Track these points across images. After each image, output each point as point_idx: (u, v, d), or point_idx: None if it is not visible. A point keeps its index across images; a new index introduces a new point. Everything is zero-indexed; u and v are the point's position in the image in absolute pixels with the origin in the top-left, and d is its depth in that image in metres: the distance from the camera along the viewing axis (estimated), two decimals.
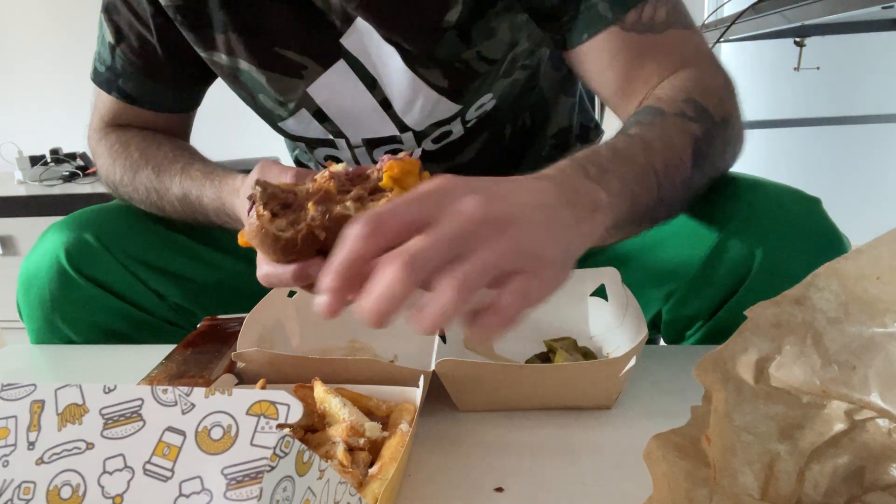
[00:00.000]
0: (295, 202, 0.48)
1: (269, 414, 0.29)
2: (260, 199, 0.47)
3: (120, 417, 0.31)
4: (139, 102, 0.80)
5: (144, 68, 0.77)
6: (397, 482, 0.44)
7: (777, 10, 1.36)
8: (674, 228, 0.67)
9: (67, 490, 0.31)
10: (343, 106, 0.75)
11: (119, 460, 0.30)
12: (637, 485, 0.44)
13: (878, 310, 0.33)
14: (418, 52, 0.69)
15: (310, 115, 0.76)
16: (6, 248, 2.11)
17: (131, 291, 0.76)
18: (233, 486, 0.28)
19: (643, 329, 0.54)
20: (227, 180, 0.66)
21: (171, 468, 0.29)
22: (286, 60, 0.72)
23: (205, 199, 0.69)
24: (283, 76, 0.73)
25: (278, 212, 0.47)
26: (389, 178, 0.48)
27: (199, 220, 0.73)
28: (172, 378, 0.58)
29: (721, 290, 0.65)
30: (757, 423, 0.36)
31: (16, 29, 2.42)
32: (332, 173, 0.50)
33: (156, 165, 0.74)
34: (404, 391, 0.52)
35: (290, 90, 0.74)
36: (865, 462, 0.35)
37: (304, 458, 0.30)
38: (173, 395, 0.31)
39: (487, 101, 0.77)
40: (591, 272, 0.66)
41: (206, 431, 0.29)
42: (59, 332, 0.76)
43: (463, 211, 0.35)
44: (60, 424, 0.32)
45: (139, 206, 0.78)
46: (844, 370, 0.34)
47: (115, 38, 0.76)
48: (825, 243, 0.61)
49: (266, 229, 0.47)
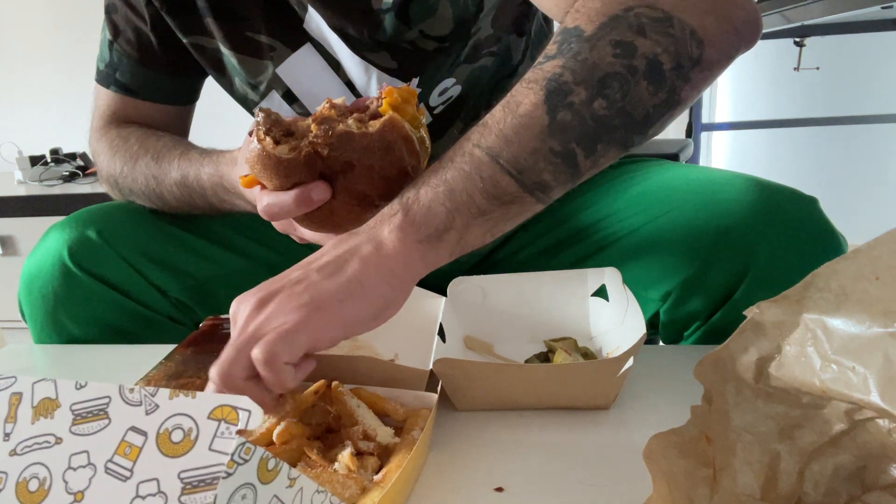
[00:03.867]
0: (297, 131, 0.49)
1: (230, 419, 0.29)
2: (263, 124, 0.48)
3: (88, 414, 0.31)
4: (136, 93, 0.81)
5: (140, 59, 0.79)
6: (401, 491, 0.44)
7: (777, 10, 1.36)
8: (671, 227, 0.67)
9: (35, 483, 0.31)
10: (311, 88, 0.77)
11: (83, 457, 0.31)
12: (637, 485, 0.44)
13: (878, 310, 0.33)
14: (361, 36, 0.71)
15: (280, 97, 0.78)
16: (6, 248, 2.11)
17: (134, 287, 0.76)
18: (188, 490, 0.28)
19: (642, 330, 0.54)
20: (224, 154, 0.68)
21: (131, 468, 0.29)
22: (257, 43, 0.74)
23: (203, 175, 0.70)
24: (254, 59, 0.75)
25: (280, 139, 0.48)
26: (388, 105, 0.49)
27: (197, 203, 0.73)
28: (170, 378, 0.58)
29: (718, 290, 0.65)
30: (757, 423, 0.36)
31: (16, 29, 2.42)
32: (332, 103, 0.50)
33: (155, 153, 0.75)
34: (421, 395, 0.52)
35: (261, 72, 0.76)
36: (865, 462, 0.35)
37: (269, 466, 0.29)
38: (139, 395, 0.31)
39: (451, 87, 0.76)
40: (593, 272, 0.66)
41: (167, 434, 0.29)
42: (62, 330, 0.76)
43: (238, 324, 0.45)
44: (34, 418, 0.32)
45: (138, 198, 0.78)
46: (844, 370, 0.34)
47: (112, 35, 0.79)
48: (822, 243, 0.61)
49: (267, 151, 0.47)
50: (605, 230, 0.75)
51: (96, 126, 0.83)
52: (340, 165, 0.48)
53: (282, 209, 0.49)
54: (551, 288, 0.67)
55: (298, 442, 0.45)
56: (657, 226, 0.69)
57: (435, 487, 0.47)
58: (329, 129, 0.47)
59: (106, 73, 0.81)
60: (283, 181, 0.48)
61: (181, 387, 0.57)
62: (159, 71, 0.80)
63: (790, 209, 0.62)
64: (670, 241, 0.67)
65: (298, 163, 0.47)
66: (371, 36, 0.70)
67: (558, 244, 0.79)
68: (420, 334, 0.64)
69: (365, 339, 0.70)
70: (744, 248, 0.62)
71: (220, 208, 0.72)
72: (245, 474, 0.28)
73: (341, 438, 0.47)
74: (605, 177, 0.82)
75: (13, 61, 2.45)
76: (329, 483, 0.41)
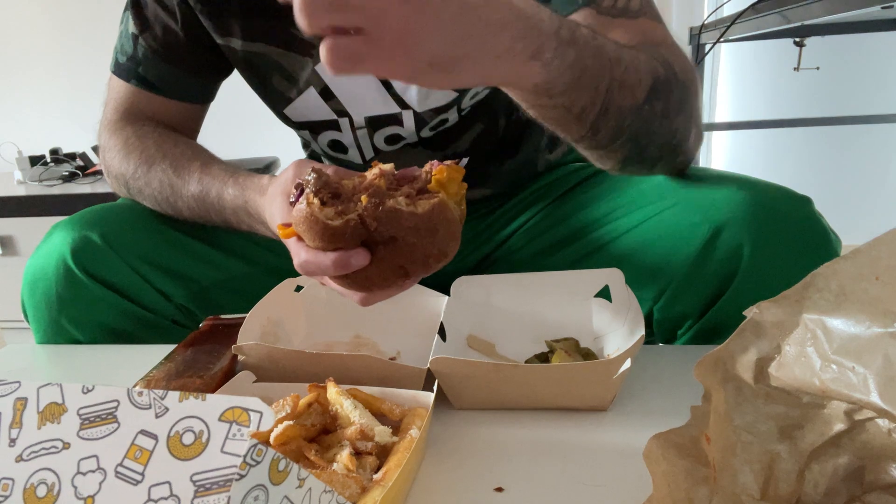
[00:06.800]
0: (343, 193, 0.49)
1: (242, 421, 0.29)
2: (312, 186, 0.48)
3: (96, 418, 0.31)
4: (156, 89, 0.81)
5: (165, 55, 0.79)
6: (401, 489, 0.44)
7: (777, 10, 1.36)
8: (663, 227, 0.68)
9: (43, 489, 0.31)
10: (350, 86, 0.78)
11: (93, 461, 0.30)
12: (637, 485, 0.44)
13: (878, 310, 0.33)
14: None
15: (317, 94, 0.79)
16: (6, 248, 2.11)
17: (137, 291, 0.76)
18: (201, 493, 0.28)
19: (640, 331, 0.54)
20: (252, 178, 0.68)
21: (142, 472, 0.29)
22: (299, 40, 0.75)
23: (226, 196, 0.69)
24: (296, 54, 0.76)
25: (327, 201, 0.48)
26: (437, 182, 0.50)
27: (213, 218, 0.73)
28: (171, 378, 0.58)
29: (710, 288, 0.65)
30: (757, 423, 0.36)
31: (16, 30, 2.42)
32: (382, 171, 0.51)
33: (173, 161, 0.75)
34: (417, 395, 0.52)
35: (301, 68, 0.77)
36: (865, 462, 0.35)
37: (280, 467, 0.29)
38: (148, 398, 0.31)
39: (482, 90, 0.79)
40: (595, 273, 0.66)
41: (178, 437, 0.29)
42: (65, 333, 0.76)
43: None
44: (40, 423, 0.32)
45: (148, 200, 0.78)
46: (844, 370, 0.34)
47: (139, 28, 0.79)
48: (814, 242, 0.62)
49: (315, 216, 0.47)
50: (601, 229, 0.75)
51: (110, 119, 0.82)
52: (383, 238, 0.49)
53: (319, 269, 0.50)
54: (554, 288, 0.68)
55: (297, 443, 0.45)
56: (651, 225, 0.69)
57: (435, 487, 0.47)
58: (379, 203, 0.48)
59: (127, 67, 0.81)
60: (326, 245, 0.49)
61: (182, 387, 0.57)
62: (184, 69, 0.80)
63: (783, 209, 0.62)
64: (664, 240, 0.67)
65: (344, 231, 0.48)
66: None
67: (556, 244, 0.80)
68: (423, 333, 0.64)
69: (368, 337, 0.70)
70: (736, 246, 0.62)
71: (236, 228, 0.72)
72: (257, 476, 0.28)
73: (338, 439, 0.47)
74: (603, 177, 0.82)
75: (13, 61, 2.45)
76: (330, 483, 0.41)
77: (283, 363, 0.57)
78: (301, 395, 0.49)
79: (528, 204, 0.87)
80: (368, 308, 0.56)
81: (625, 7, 0.65)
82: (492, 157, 0.85)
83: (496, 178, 0.87)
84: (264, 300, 0.65)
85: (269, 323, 0.66)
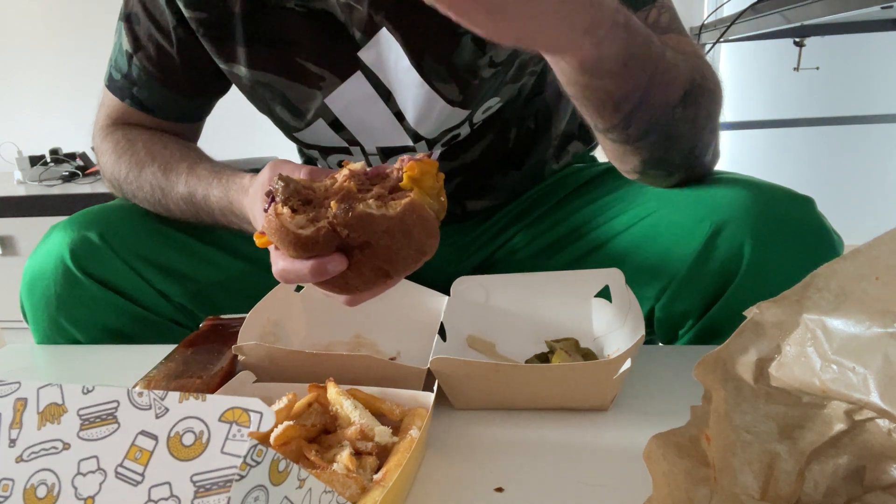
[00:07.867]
0: (314, 198, 0.48)
1: (242, 421, 0.29)
2: (281, 195, 0.47)
3: (96, 419, 0.31)
4: (152, 111, 0.80)
5: (161, 78, 0.77)
6: (402, 489, 0.44)
7: (777, 10, 1.36)
8: (665, 226, 0.68)
9: (43, 489, 0.31)
10: (359, 116, 0.76)
11: (93, 462, 0.30)
12: (637, 485, 0.44)
13: (878, 310, 0.33)
14: (438, 64, 0.70)
15: (326, 125, 0.77)
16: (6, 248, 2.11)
17: (136, 291, 0.76)
18: (201, 493, 0.28)
19: (640, 331, 0.54)
20: (234, 179, 0.67)
21: (142, 472, 0.29)
22: (306, 71, 0.73)
23: (211, 197, 0.69)
24: (303, 86, 0.74)
25: (298, 208, 0.47)
26: (409, 179, 0.48)
27: (204, 219, 0.73)
28: (171, 378, 0.58)
29: (711, 287, 0.65)
30: (757, 423, 0.36)
31: (16, 29, 2.42)
32: (351, 172, 0.50)
33: (162, 163, 0.74)
34: (417, 395, 0.52)
35: (309, 100, 0.75)
36: (865, 462, 0.35)
37: (280, 468, 0.29)
38: (148, 399, 0.31)
39: (494, 105, 0.78)
40: (596, 273, 0.66)
41: (178, 437, 0.29)
42: (64, 333, 0.76)
43: None
44: (40, 423, 0.32)
45: (142, 203, 0.78)
46: (844, 370, 0.34)
47: (132, 47, 0.77)
48: (815, 242, 0.62)
49: (286, 226, 0.46)
50: (602, 227, 0.75)
51: (102, 124, 0.82)
52: (358, 243, 0.48)
53: (297, 277, 0.49)
54: (554, 288, 0.68)
55: (297, 443, 0.45)
56: (652, 222, 0.69)
57: (435, 487, 0.47)
58: (349, 208, 0.46)
59: (122, 86, 0.79)
60: (300, 253, 0.48)
61: (181, 387, 0.57)
62: (179, 92, 0.79)
63: (784, 209, 0.62)
64: (665, 238, 0.67)
65: (317, 239, 0.47)
66: (446, 60, 0.70)
67: (556, 243, 0.80)
68: (423, 333, 0.65)
69: (368, 337, 0.70)
70: (737, 245, 0.62)
71: (227, 227, 0.72)
72: (257, 476, 0.28)
73: (338, 439, 0.47)
74: (604, 178, 0.82)
75: (13, 61, 2.45)
76: (330, 483, 0.41)
77: (283, 363, 0.57)
78: (301, 395, 0.49)
79: (529, 206, 0.87)
80: (368, 308, 0.56)
81: (655, 23, 0.65)
82: (501, 166, 0.85)
83: (501, 189, 0.86)
84: (264, 300, 0.65)
85: (269, 323, 0.66)
